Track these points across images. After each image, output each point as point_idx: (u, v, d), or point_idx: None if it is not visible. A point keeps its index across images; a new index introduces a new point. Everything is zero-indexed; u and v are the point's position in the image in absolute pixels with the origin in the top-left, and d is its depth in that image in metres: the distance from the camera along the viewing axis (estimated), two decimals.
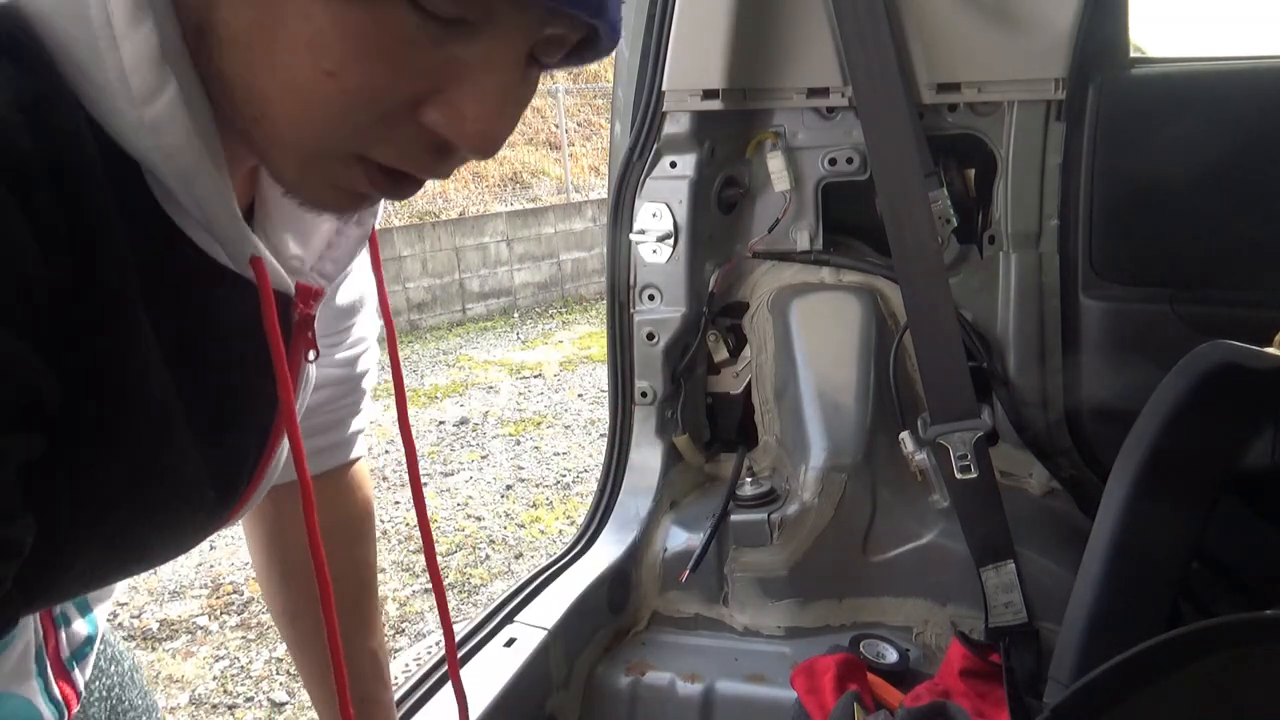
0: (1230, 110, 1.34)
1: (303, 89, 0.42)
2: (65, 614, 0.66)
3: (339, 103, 0.42)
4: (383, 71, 0.41)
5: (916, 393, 1.41)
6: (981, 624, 1.28)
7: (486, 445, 5.32)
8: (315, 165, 0.45)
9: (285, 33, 0.41)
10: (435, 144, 0.45)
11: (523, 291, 9.04)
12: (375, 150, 0.44)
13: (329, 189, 0.46)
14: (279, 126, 0.43)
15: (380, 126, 0.43)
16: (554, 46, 0.46)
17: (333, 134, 0.43)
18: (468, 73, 0.43)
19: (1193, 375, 0.89)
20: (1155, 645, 0.70)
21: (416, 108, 0.43)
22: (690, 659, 1.32)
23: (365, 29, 0.40)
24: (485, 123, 0.44)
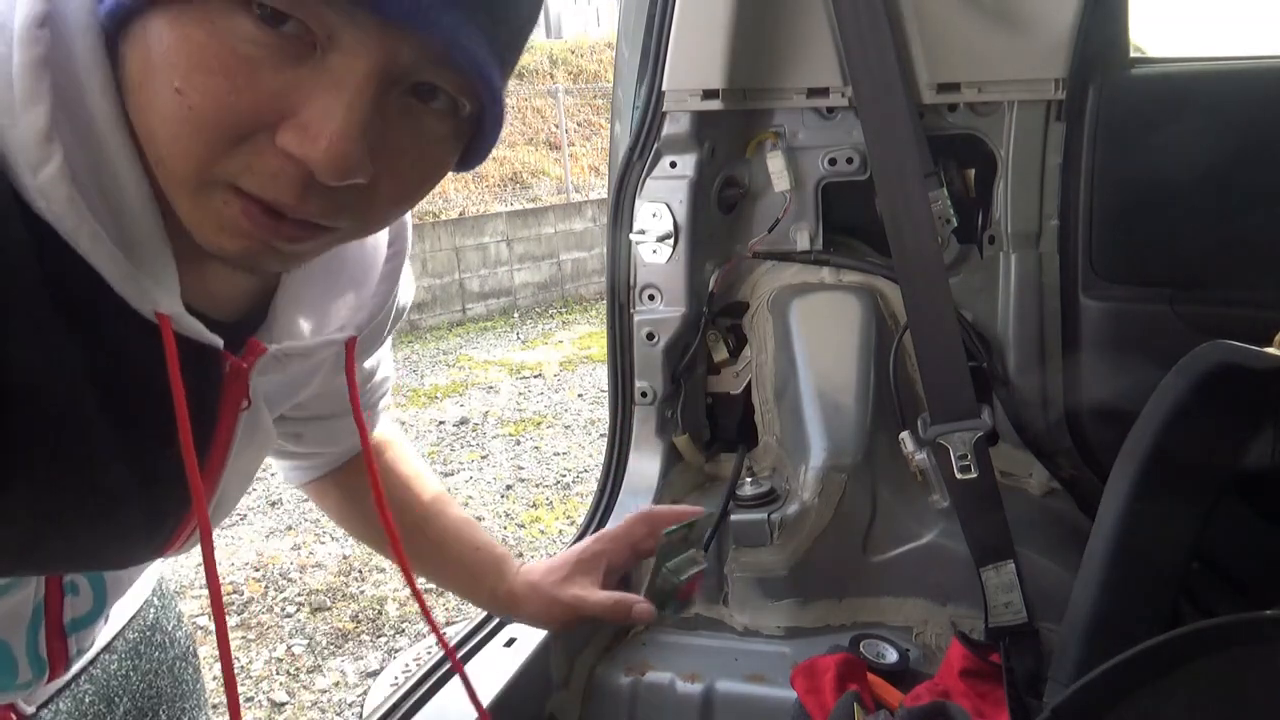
0: (1230, 110, 1.34)
1: (164, 112, 0.45)
2: (74, 583, 0.69)
3: (190, 120, 0.45)
4: (223, 85, 0.44)
5: (916, 393, 1.41)
6: (981, 624, 1.28)
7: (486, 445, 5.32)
8: (199, 200, 0.48)
9: (151, 61, 0.45)
10: (299, 174, 0.46)
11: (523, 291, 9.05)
12: (242, 179, 0.47)
13: (219, 231, 0.49)
14: (161, 159, 0.47)
15: (239, 152, 0.46)
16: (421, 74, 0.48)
17: (193, 154, 0.46)
18: (315, 93, 0.45)
19: (1193, 375, 0.89)
20: (1155, 645, 0.70)
21: (274, 133, 0.46)
22: (690, 659, 1.32)
23: (204, 43, 0.44)
24: (331, 140, 0.45)
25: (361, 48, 0.45)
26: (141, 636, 0.89)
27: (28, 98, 0.45)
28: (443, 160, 0.54)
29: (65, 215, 0.47)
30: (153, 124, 0.46)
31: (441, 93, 0.49)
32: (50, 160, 0.46)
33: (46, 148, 0.46)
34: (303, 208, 0.48)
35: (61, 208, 0.46)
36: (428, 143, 0.51)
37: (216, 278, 0.59)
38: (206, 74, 0.44)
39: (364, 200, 0.50)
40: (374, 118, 0.46)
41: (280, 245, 0.50)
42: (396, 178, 0.51)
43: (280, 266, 0.54)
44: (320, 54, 0.45)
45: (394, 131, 0.49)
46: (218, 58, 0.44)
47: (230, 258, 0.50)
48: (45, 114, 0.45)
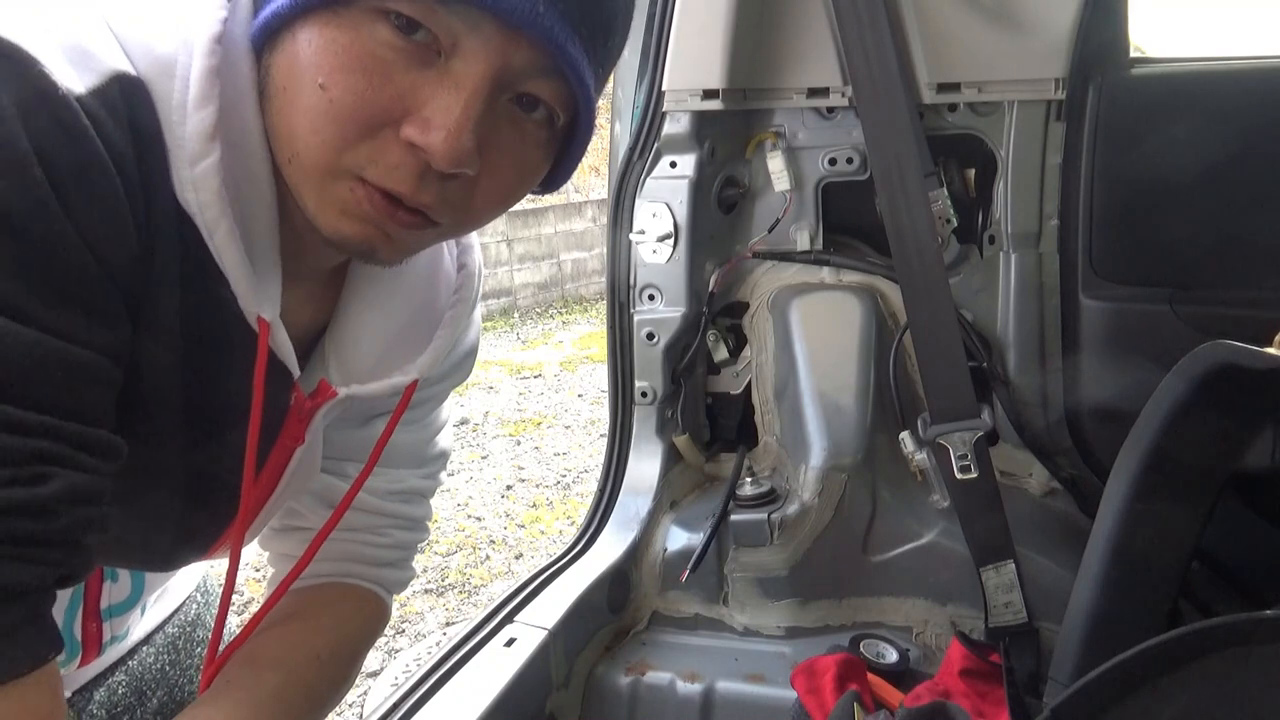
0: (1230, 110, 1.34)
1: (307, 106, 0.52)
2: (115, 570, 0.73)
3: (329, 111, 0.51)
4: (362, 82, 0.51)
5: (916, 393, 1.41)
6: (981, 624, 1.28)
7: (486, 445, 5.32)
8: (327, 188, 0.54)
9: (298, 63, 0.52)
10: (417, 166, 0.53)
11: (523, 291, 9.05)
12: (367, 169, 0.53)
13: (342, 215, 0.55)
14: (300, 156, 0.54)
15: (368, 145, 0.52)
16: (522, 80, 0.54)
17: (329, 143, 0.52)
18: (437, 94, 0.52)
19: (1192, 375, 0.89)
20: (1155, 645, 0.70)
21: (399, 128, 0.52)
22: (690, 659, 1.32)
23: (347, 46, 0.51)
24: (447, 131, 0.51)
25: (480, 53, 0.52)
26: (181, 632, 0.90)
27: (200, 99, 0.52)
28: (537, 165, 0.60)
29: (210, 205, 0.53)
30: (293, 120, 0.53)
31: (542, 104, 0.56)
32: (209, 155, 0.53)
33: (209, 144, 0.53)
34: (416, 196, 0.54)
35: (209, 198, 0.53)
36: (526, 147, 0.58)
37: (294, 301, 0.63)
38: (348, 72, 0.51)
39: (467, 195, 0.57)
40: (485, 117, 0.53)
41: (393, 231, 0.56)
42: (496, 176, 0.57)
43: (390, 254, 0.59)
44: (444, 60, 0.52)
45: (498, 133, 0.55)
46: (359, 59, 0.51)
47: (348, 240, 0.56)
48: (213, 114, 0.53)
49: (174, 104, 0.52)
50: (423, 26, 0.51)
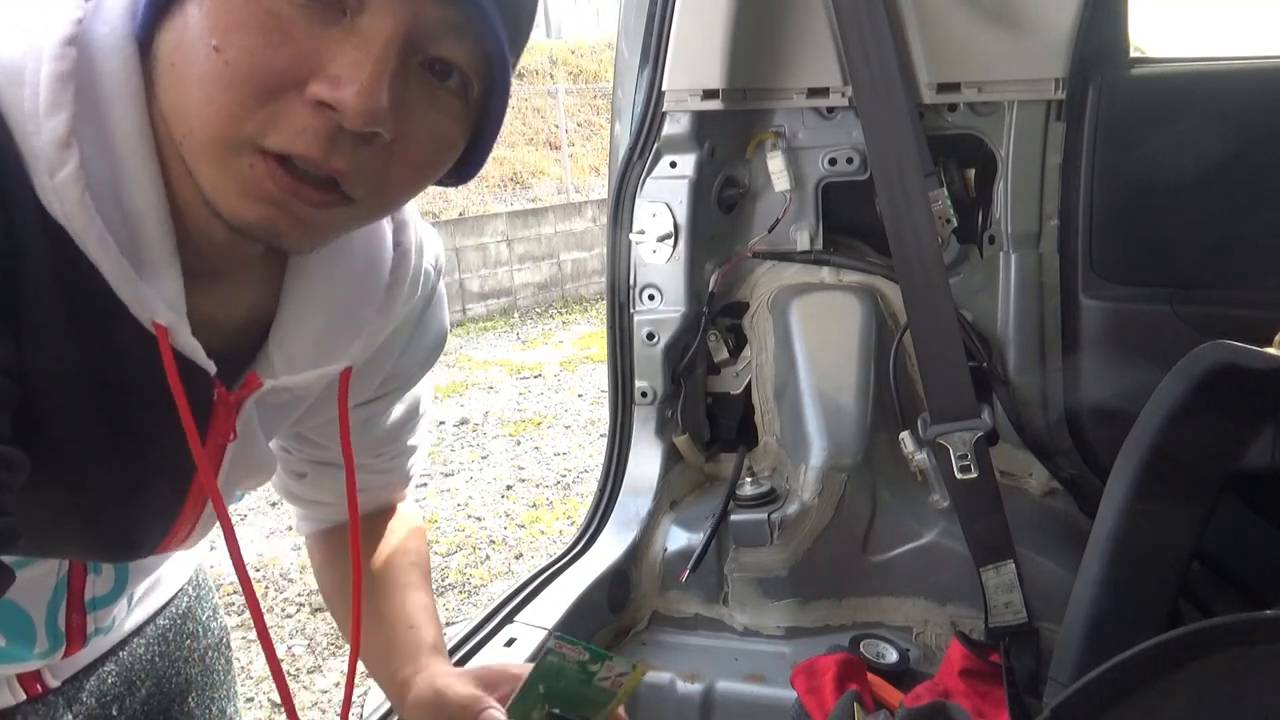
0: (1230, 110, 1.34)
1: (200, 72, 0.49)
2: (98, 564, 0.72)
3: (225, 74, 0.48)
4: (261, 42, 0.48)
5: (916, 393, 1.41)
6: (981, 624, 1.28)
7: (486, 445, 5.32)
8: (226, 164, 0.50)
9: (189, 30, 0.49)
10: (325, 127, 0.49)
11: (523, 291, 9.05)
12: (269, 136, 0.49)
13: (242, 195, 0.51)
14: (195, 132, 0.50)
15: (269, 109, 0.49)
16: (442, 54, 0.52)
17: (226, 112, 0.49)
18: (344, 51, 0.49)
19: (1193, 375, 0.89)
20: (1155, 645, 0.70)
21: (303, 90, 0.49)
22: (690, 659, 1.32)
23: (242, 4, 0.48)
24: (360, 86, 0.48)
25: (389, 9, 0.49)
26: (172, 624, 0.90)
27: (50, 106, 0.49)
28: (454, 137, 0.57)
29: (75, 215, 0.50)
30: (185, 94, 0.50)
31: (455, 71, 0.53)
32: (66, 164, 0.49)
33: (65, 152, 0.49)
34: (327, 161, 0.50)
35: (73, 208, 0.50)
36: (441, 116, 0.54)
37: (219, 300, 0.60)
38: (243, 31, 0.47)
39: (381, 163, 0.53)
40: (397, 78, 0.50)
41: (302, 211, 0.52)
42: (411, 146, 0.54)
43: (299, 241, 0.55)
44: (349, 18, 0.49)
45: (411, 98, 0.52)
46: (254, 16, 0.47)
47: (252, 226, 0.52)
48: (65, 121, 0.49)
49: (25, 112, 0.49)
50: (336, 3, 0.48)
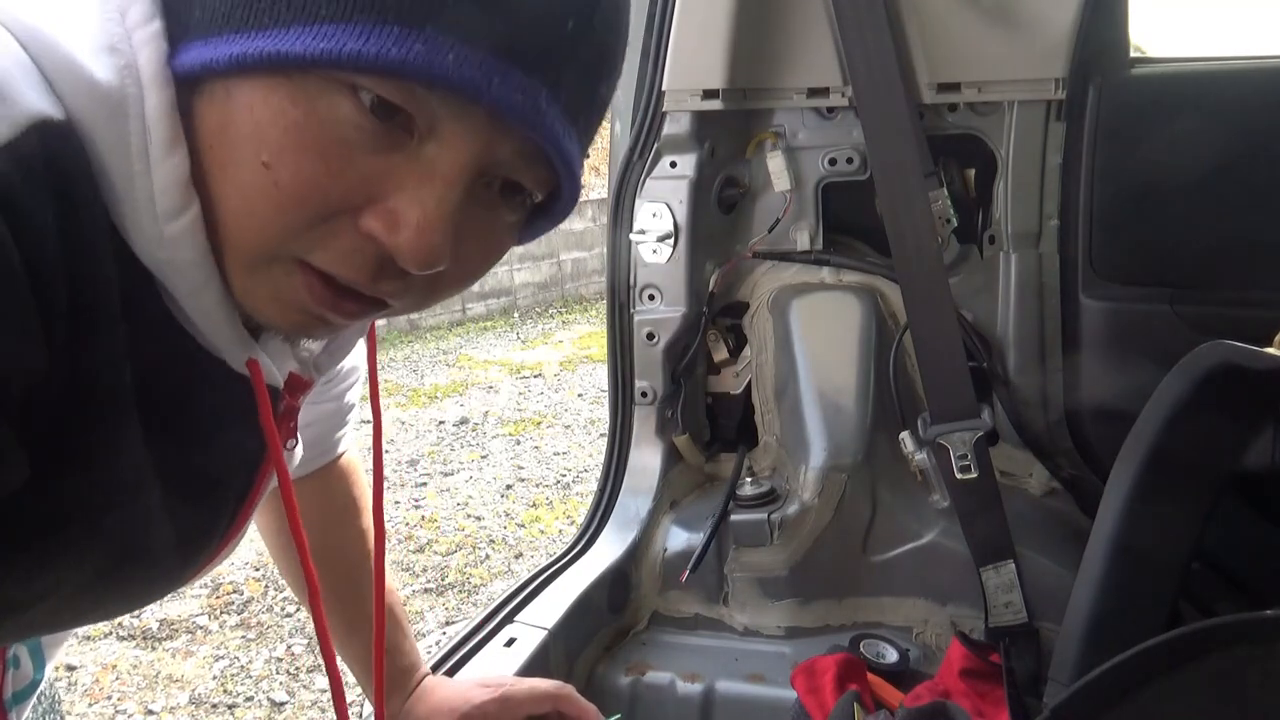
0: (1230, 110, 1.34)
1: (244, 183, 0.43)
2: (17, 656, 0.68)
3: (274, 196, 0.43)
4: (317, 166, 0.42)
5: (916, 393, 1.41)
6: (981, 624, 1.28)
7: (486, 445, 5.32)
8: (258, 271, 0.46)
9: (234, 129, 0.43)
10: (376, 255, 0.45)
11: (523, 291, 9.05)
12: (314, 255, 0.45)
13: (273, 302, 0.47)
14: (227, 227, 0.45)
15: (318, 230, 0.44)
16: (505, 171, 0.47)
17: (269, 231, 0.44)
18: (407, 182, 0.44)
19: (1193, 375, 0.89)
20: (1155, 645, 0.70)
21: (357, 216, 0.44)
22: (690, 659, 1.32)
23: (301, 121, 0.42)
24: (420, 231, 0.44)
25: (461, 141, 0.44)
26: None
27: (168, 143, 0.43)
28: (507, 245, 0.53)
29: (195, 266, 0.45)
30: (225, 190, 0.44)
31: (524, 192, 0.49)
32: (189, 209, 0.44)
33: (185, 196, 0.44)
34: (374, 288, 0.47)
35: (193, 256, 0.45)
36: (498, 231, 0.51)
37: None
38: (300, 153, 0.42)
39: (431, 282, 0.49)
40: (463, 207, 0.46)
41: (334, 319, 0.48)
42: (464, 263, 0.50)
43: (322, 336, 0.53)
44: (417, 141, 0.44)
45: (470, 221, 0.48)
46: (315, 139, 0.42)
47: (277, 328, 0.49)
48: (185, 159, 0.44)
49: (133, 150, 0.43)
50: (401, 111, 0.43)
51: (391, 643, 0.94)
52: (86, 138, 0.42)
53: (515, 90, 0.42)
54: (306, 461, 0.87)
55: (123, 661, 3.09)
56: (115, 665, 3.07)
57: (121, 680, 2.98)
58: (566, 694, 0.93)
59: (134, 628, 3.32)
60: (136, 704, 2.87)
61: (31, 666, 0.71)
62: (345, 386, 0.86)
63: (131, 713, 2.83)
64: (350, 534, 0.93)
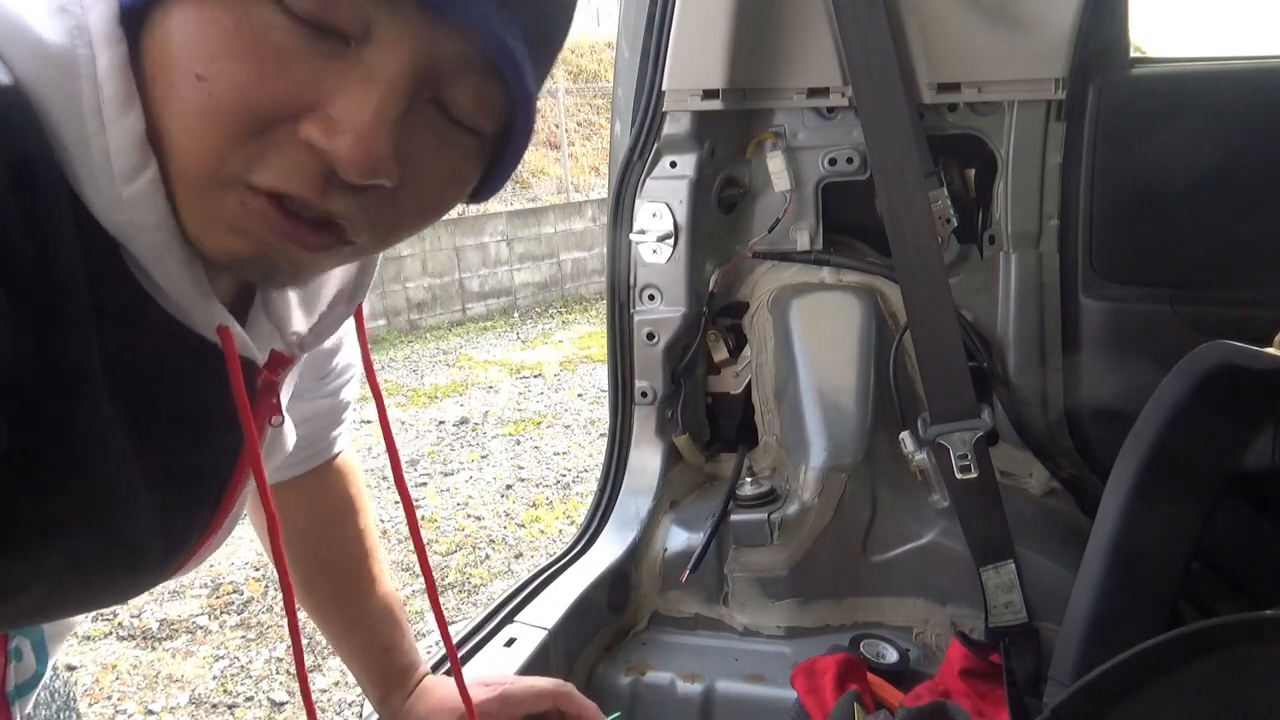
0: (1230, 110, 1.34)
1: (182, 102, 0.42)
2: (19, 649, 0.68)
3: (209, 108, 0.42)
4: (249, 72, 0.41)
5: (916, 393, 1.41)
6: (981, 624, 1.28)
7: (486, 445, 5.32)
8: (211, 200, 0.45)
9: (171, 49, 0.42)
10: (321, 167, 0.44)
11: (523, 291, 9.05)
12: (256, 172, 0.44)
13: (230, 233, 0.45)
14: (173, 157, 0.44)
15: (259, 143, 0.43)
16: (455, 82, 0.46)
17: (210, 147, 0.43)
18: (345, 86, 0.43)
19: (1193, 375, 0.89)
20: (1155, 645, 0.70)
21: (295, 124, 0.43)
22: (690, 659, 1.32)
23: (229, 27, 0.41)
24: (359, 136, 0.42)
25: (399, 42, 0.43)
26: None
27: (122, 102, 0.42)
28: (466, 175, 0.51)
29: (156, 228, 0.44)
30: (168, 118, 0.43)
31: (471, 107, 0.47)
32: (146, 169, 0.43)
33: (142, 155, 0.43)
34: (322, 202, 0.45)
35: (153, 218, 0.44)
36: (453, 155, 0.49)
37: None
38: (232, 60, 0.41)
39: (385, 208, 0.47)
40: (402, 118, 0.44)
41: (296, 252, 0.47)
42: (419, 188, 0.48)
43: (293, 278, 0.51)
44: (354, 46, 0.43)
45: (420, 139, 0.46)
46: (245, 43, 0.41)
47: (242, 264, 0.47)
48: (140, 118, 0.43)
49: (85, 111, 0.42)
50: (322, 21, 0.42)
51: (391, 641, 0.94)
52: (38, 102, 0.42)
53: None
54: (303, 460, 0.87)
55: (123, 661, 3.09)
56: (115, 665, 3.07)
57: (121, 680, 2.99)
58: (566, 692, 0.93)
59: (134, 628, 3.32)
60: (136, 704, 2.87)
61: (34, 660, 0.70)
62: (340, 383, 0.85)
63: (131, 713, 2.83)
64: (348, 533, 0.93)
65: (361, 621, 0.93)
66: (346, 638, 0.94)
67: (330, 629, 0.95)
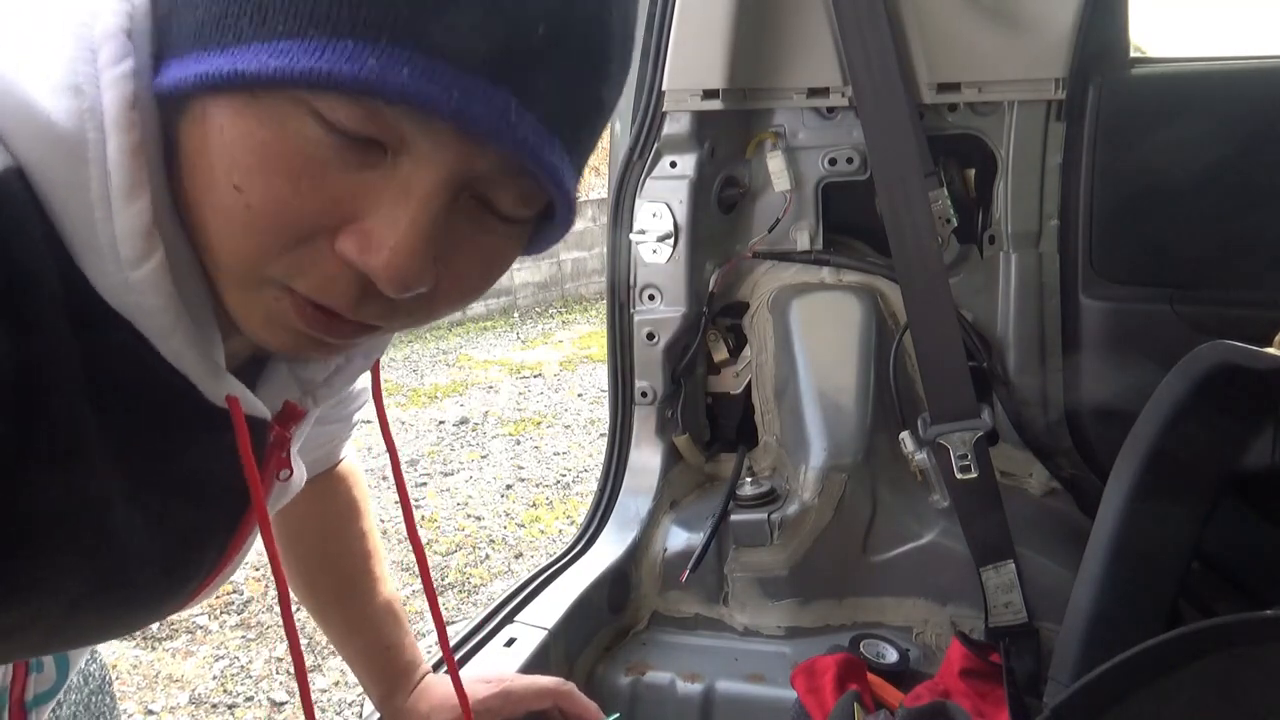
0: (1230, 110, 1.34)
1: (220, 207, 0.42)
2: (40, 660, 0.68)
3: (246, 220, 0.42)
4: (286, 188, 0.41)
5: (916, 393, 1.41)
6: (981, 624, 1.28)
7: (486, 445, 5.32)
8: (249, 295, 0.45)
9: (209, 150, 0.42)
10: (357, 279, 0.44)
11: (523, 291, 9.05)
12: (295, 281, 0.44)
13: (267, 324, 0.46)
14: (213, 251, 0.44)
15: (296, 254, 0.43)
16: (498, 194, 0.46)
17: (247, 256, 0.43)
18: (382, 201, 0.42)
19: (1192, 375, 0.89)
20: (1155, 645, 0.70)
21: (334, 238, 0.43)
22: (690, 659, 1.32)
23: (269, 142, 0.41)
24: (395, 253, 0.42)
25: (436, 157, 0.42)
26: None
27: (130, 190, 0.42)
28: (507, 258, 0.51)
29: (162, 311, 0.44)
30: (205, 215, 0.44)
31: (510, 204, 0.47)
32: (152, 256, 0.43)
33: (149, 242, 0.43)
34: (358, 312, 0.45)
35: (159, 302, 0.44)
36: (493, 243, 0.49)
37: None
38: (269, 175, 0.41)
39: (423, 303, 0.48)
40: (441, 225, 0.44)
41: (331, 340, 0.48)
42: (458, 280, 0.48)
43: (326, 357, 0.52)
44: (391, 157, 0.42)
45: (460, 234, 0.46)
46: (283, 159, 0.41)
47: (275, 349, 0.49)
48: (148, 207, 0.43)
49: (94, 197, 0.42)
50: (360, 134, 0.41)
51: (392, 640, 0.94)
52: (41, 184, 0.41)
53: (478, 102, 0.40)
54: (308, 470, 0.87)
55: (123, 661, 3.09)
56: (115, 665, 3.07)
57: (121, 680, 2.98)
58: (567, 691, 0.94)
59: None
60: (136, 704, 2.87)
61: (55, 671, 0.71)
62: (354, 408, 0.86)
63: (131, 713, 2.83)
64: (351, 534, 0.94)
65: (364, 621, 0.93)
66: (349, 637, 0.94)
67: (332, 629, 0.95)
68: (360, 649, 0.94)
